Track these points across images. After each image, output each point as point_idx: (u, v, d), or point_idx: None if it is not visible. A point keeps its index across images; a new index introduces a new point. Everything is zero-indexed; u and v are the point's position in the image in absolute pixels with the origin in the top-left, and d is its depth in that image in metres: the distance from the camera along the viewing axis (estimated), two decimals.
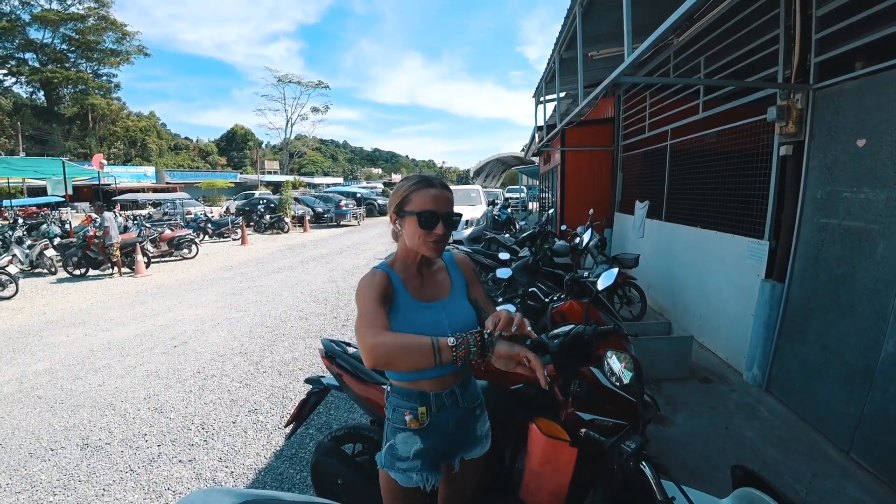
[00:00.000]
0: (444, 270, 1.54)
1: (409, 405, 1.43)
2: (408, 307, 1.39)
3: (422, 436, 1.43)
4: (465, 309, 1.48)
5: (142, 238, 10.24)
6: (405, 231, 1.38)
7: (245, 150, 60.71)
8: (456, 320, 1.42)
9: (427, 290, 1.45)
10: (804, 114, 3.27)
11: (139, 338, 5.48)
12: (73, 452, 3.14)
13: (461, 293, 1.52)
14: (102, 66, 42.35)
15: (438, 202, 1.33)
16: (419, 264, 1.46)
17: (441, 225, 1.33)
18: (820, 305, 3.17)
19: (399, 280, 1.41)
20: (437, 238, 1.34)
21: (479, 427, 1.56)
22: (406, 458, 1.42)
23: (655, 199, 6.15)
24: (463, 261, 1.60)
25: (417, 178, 1.39)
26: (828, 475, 2.71)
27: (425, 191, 1.35)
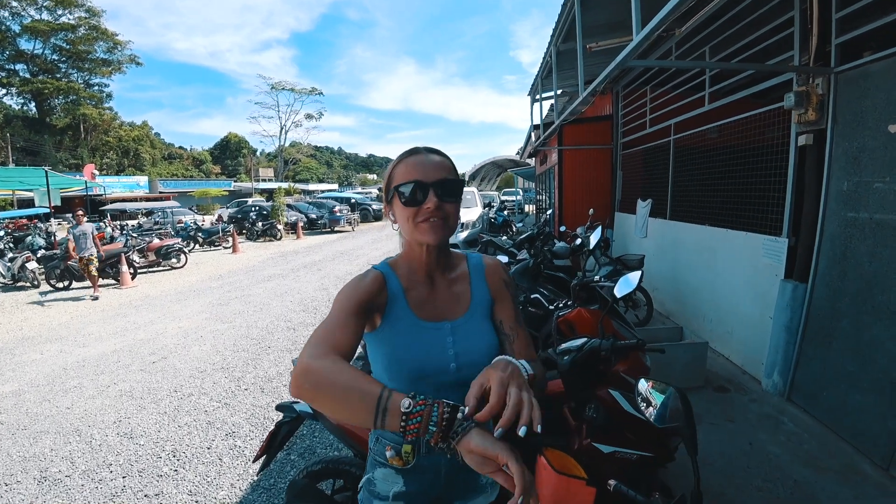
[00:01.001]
0: (466, 280, 1.17)
1: (393, 438, 1.13)
2: (403, 323, 1.08)
3: (405, 477, 1.13)
4: (483, 334, 1.12)
5: (127, 248, 9.89)
6: (399, 221, 1.07)
7: (239, 157, 60.46)
8: (467, 349, 1.09)
9: (436, 304, 1.12)
10: (825, 99, 3.00)
11: (117, 353, 5.16)
12: (29, 487, 2.83)
13: (483, 312, 1.14)
14: (94, 76, 42.16)
15: (424, 169, 1.02)
16: (429, 268, 1.12)
17: (432, 195, 0.99)
18: (849, 307, 2.89)
19: (399, 286, 1.10)
20: (428, 214, 1.00)
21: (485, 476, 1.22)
22: (385, 498, 1.12)
23: (659, 197, 5.89)
24: (493, 268, 1.21)
25: (402, 152, 1.09)
26: (870, 498, 2.43)
27: (408, 160, 1.05)
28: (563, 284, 4.36)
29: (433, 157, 1.06)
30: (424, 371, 1.05)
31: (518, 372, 0.84)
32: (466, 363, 1.07)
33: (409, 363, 1.05)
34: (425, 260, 1.10)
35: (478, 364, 1.02)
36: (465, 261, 1.21)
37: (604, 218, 7.15)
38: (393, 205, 1.07)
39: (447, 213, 1.03)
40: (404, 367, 1.05)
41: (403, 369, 1.05)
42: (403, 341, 1.07)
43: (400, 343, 1.07)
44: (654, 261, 5.62)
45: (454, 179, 1.05)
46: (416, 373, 1.04)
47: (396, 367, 1.06)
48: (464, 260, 1.21)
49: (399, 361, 1.06)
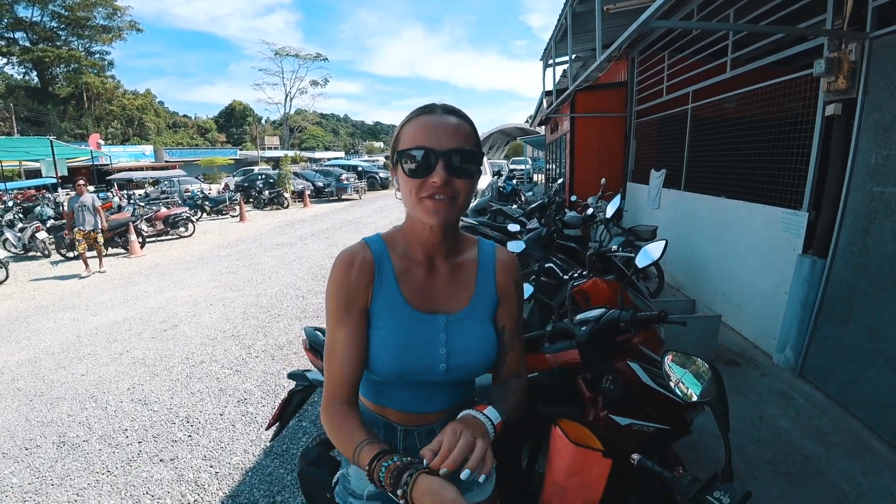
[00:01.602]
0: (473, 269, 1.00)
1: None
2: (390, 310, 0.93)
3: None
4: (481, 335, 0.97)
5: (135, 217, 9.92)
6: (401, 191, 0.90)
7: (244, 126, 59.84)
8: (461, 349, 0.94)
9: (432, 292, 0.96)
10: (858, 67, 2.84)
11: (128, 322, 5.22)
12: (49, 451, 2.90)
13: (485, 310, 0.99)
14: (94, 44, 41.37)
15: (437, 133, 0.84)
16: (431, 249, 0.95)
17: (440, 168, 0.82)
18: (870, 284, 2.82)
19: (390, 267, 0.94)
20: (434, 189, 0.83)
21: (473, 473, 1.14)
22: (359, 497, 1.03)
23: (673, 167, 5.74)
24: (507, 264, 1.03)
25: (414, 110, 0.90)
26: (878, 474, 2.42)
27: (418, 119, 0.87)
28: (574, 254, 4.30)
29: (450, 119, 0.87)
30: (409, 369, 0.92)
31: (479, 424, 0.80)
32: (458, 365, 0.94)
33: (391, 358, 0.91)
34: (428, 239, 0.94)
35: (470, 367, 0.96)
36: (475, 247, 1.03)
37: (616, 188, 7.02)
38: (397, 170, 0.90)
39: (457, 191, 0.85)
40: (385, 361, 0.91)
41: (384, 363, 0.92)
42: (388, 332, 0.92)
43: (384, 333, 0.92)
44: (667, 232, 5.51)
45: (471, 150, 0.86)
46: (398, 369, 0.92)
47: (377, 360, 0.92)
48: (475, 246, 1.04)
49: (381, 354, 0.91)
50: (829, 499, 2.26)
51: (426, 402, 0.99)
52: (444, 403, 1.01)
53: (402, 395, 0.99)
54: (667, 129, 6.04)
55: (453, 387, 1.00)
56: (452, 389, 1.01)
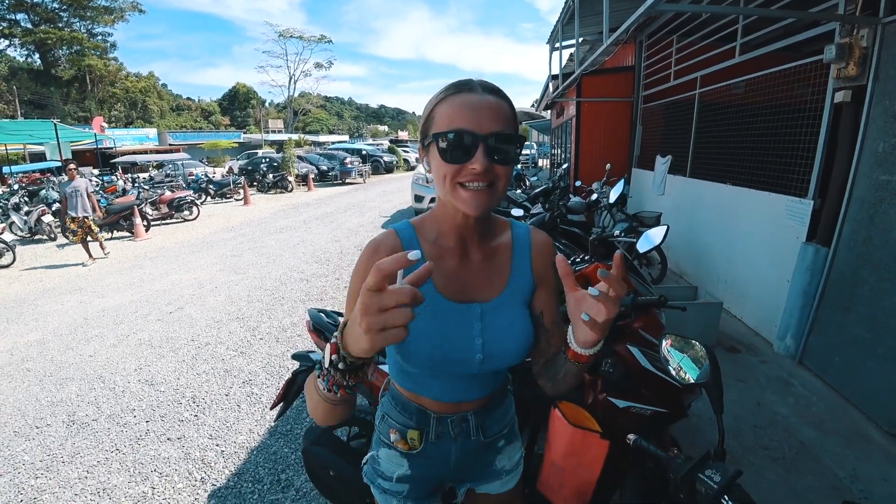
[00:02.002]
0: (507, 254, 0.95)
1: (400, 420, 1.01)
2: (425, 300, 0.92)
3: (410, 461, 1.02)
4: (518, 323, 0.91)
5: (140, 201, 9.95)
6: (434, 176, 0.84)
7: (248, 108, 59.53)
8: (497, 338, 0.90)
9: (465, 281, 0.91)
10: (869, 53, 2.80)
11: (134, 304, 5.28)
12: (59, 430, 2.97)
13: (520, 296, 0.94)
14: (96, 25, 41.08)
15: (476, 114, 0.77)
16: (464, 236, 0.91)
17: (481, 153, 0.76)
18: (872, 273, 2.82)
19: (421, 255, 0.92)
20: (472, 176, 0.78)
21: (502, 460, 1.10)
22: (388, 479, 1.04)
23: (679, 153, 5.69)
24: (542, 246, 0.97)
25: (448, 85, 0.83)
26: (872, 460, 2.45)
27: (455, 98, 0.79)
28: (577, 239, 4.31)
29: (490, 98, 0.79)
30: (444, 360, 0.88)
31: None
32: (494, 354, 0.90)
33: (425, 350, 0.87)
34: (461, 226, 0.89)
35: (507, 356, 0.91)
36: (508, 230, 0.98)
37: (621, 174, 6.98)
38: (429, 152, 0.83)
39: (496, 177, 0.79)
40: (420, 354, 0.88)
41: (419, 356, 0.88)
42: (421, 324, 0.85)
43: (417, 325, 0.86)
44: (671, 219, 5.48)
45: (512, 134, 0.79)
46: (433, 361, 0.88)
47: (411, 353, 0.88)
48: (507, 229, 0.98)
49: (413, 346, 0.87)
50: (823, 484, 2.29)
51: (462, 391, 0.98)
52: (480, 392, 1.00)
53: (437, 385, 0.97)
54: (673, 114, 5.98)
55: (489, 376, 0.98)
56: (488, 378, 0.99)
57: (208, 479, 2.46)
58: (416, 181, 9.55)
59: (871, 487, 2.27)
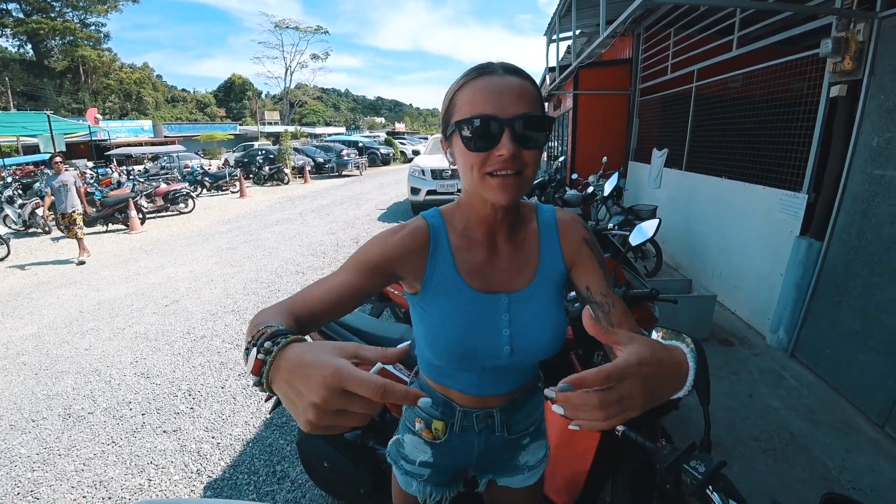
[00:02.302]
0: (535, 241, 0.91)
1: (426, 409, 1.03)
2: (449, 291, 0.85)
3: (434, 449, 1.03)
4: (548, 313, 0.88)
5: (135, 193, 9.90)
6: (459, 167, 0.81)
7: (244, 100, 59.10)
8: (526, 329, 0.87)
9: (493, 272, 0.88)
10: (865, 47, 2.80)
11: (130, 297, 5.27)
12: (55, 423, 2.97)
13: (551, 284, 0.90)
14: (89, 15, 40.59)
15: (500, 97, 0.73)
16: (493, 226, 0.88)
17: (507, 138, 0.72)
18: (864, 267, 2.84)
19: (447, 245, 0.87)
20: (500, 164, 0.73)
21: (526, 456, 1.07)
22: (412, 462, 1.05)
23: (675, 147, 5.70)
24: (569, 226, 0.92)
25: (469, 69, 0.79)
26: (862, 451, 2.49)
27: (476, 83, 0.75)
28: None
29: (513, 80, 0.75)
30: (472, 352, 0.86)
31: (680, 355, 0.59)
32: (523, 346, 0.87)
33: (451, 342, 0.85)
34: (489, 217, 0.86)
35: (537, 348, 0.88)
36: (534, 215, 0.94)
37: (617, 167, 6.98)
38: (452, 142, 0.80)
39: (525, 164, 0.75)
40: (447, 346, 0.86)
41: (446, 348, 0.86)
42: (446, 314, 0.85)
43: (442, 315, 0.86)
44: (667, 212, 5.52)
45: (539, 116, 0.75)
46: (460, 353, 0.86)
47: (438, 345, 0.87)
48: (533, 213, 0.94)
49: (440, 338, 0.86)
50: (813, 475, 2.32)
51: (491, 385, 0.95)
52: (509, 386, 0.97)
53: (465, 378, 0.95)
54: (670, 107, 5.97)
55: (519, 369, 0.96)
56: (518, 372, 0.97)
57: (204, 471, 2.47)
58: (413, 173, 9.52)
59: (859, 478, 2.30)
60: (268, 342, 0.54)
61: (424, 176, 9.28)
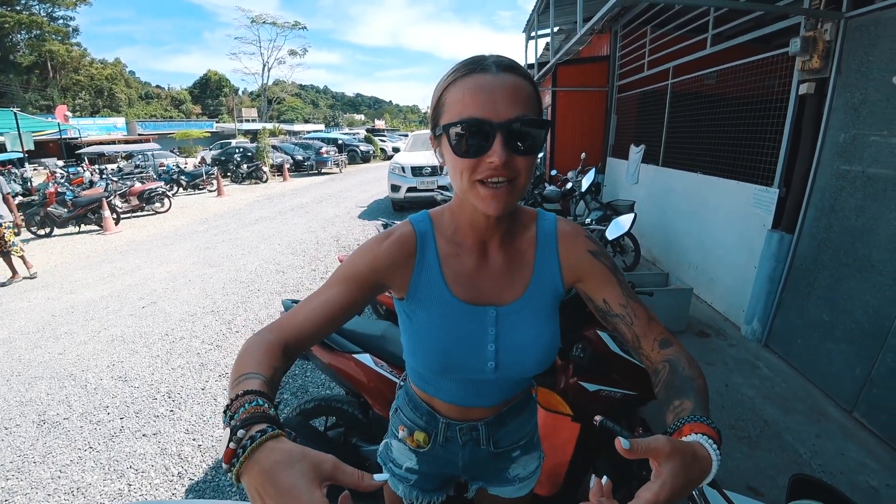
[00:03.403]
0: (531, 251, 0.84)
1: (410, 418, 0.99)
2: (433, 300, 0.81)
3: (419, 457, 1.01)
4: (538, 329, 0.83)
5: (108, 193, 9.63)
6: (449, 171, 0.75)
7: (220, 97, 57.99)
8: (512, 345, 0.82)
9: (481, 282, 0.83)
10: (832, 46, 2.89)
11: (105, 299, 5.14)
12: (29, 430, 2.89)
13: (543, 298, 0.84)
14: (57, 8, 39.22)
15: (492, 98, 0.66)
16: (484, 233, 0.82)
17: (498, 144, 0.66)
18: (832, 259, 2.94)
19: (434, 252, 0.82)
20: (490, 173, 0.68)
21: (517, 468, 1.04)
22: (399, 467, 1.04)
23: (652, 143, 5.80)
24: (571, 238, 0.85)
25: (459, 64, 0.72)
26: (831, 436, 2.59)
27: (466, 81, 0.68)
28: None
29: (507, 78, 0.68)
30: (452, 364, 0.83)
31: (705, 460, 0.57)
32: (509, 363, 0.83)
33: (433, 353, 0.83)
34: (482, 222, 0.80)
35: (523, 367, 0.84)
36: (534, 222, 0.87)
37: (595, 163, 7.07)
38: (441, 144, 0.74)
39: (517, 171, 0.69)
40: (428, 357, 0.83)
41: (428, 358, 0.84)
42: (430, 324, 0.81)
43: (426, 325, 0.82)
44: (644, 207, 5.63)
45: (535, 119, 0.69)
46: (442, 365, 0.83)
47: (420, 354, 0.85)
48: (533, 221, 0.87)
49: (422, 348, 0.84)
50: (785, 460, 2.41)
51: (475, 397, 0.91)
52: (494, 400, 0.93)
53: (449, 388, 0.92)
54: (647, 104, 6.07)
55: (507, 383, 0.91)
56: (504, 387, 0.92)
57: (185, 474, 2.44)
58: (393, 171, 9.48)
59: (829, 461, 2.40)
60: (241, 431, 0.51)
61: (405, 173, 9.25)
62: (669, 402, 0.68)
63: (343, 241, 7.44)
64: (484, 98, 0.67)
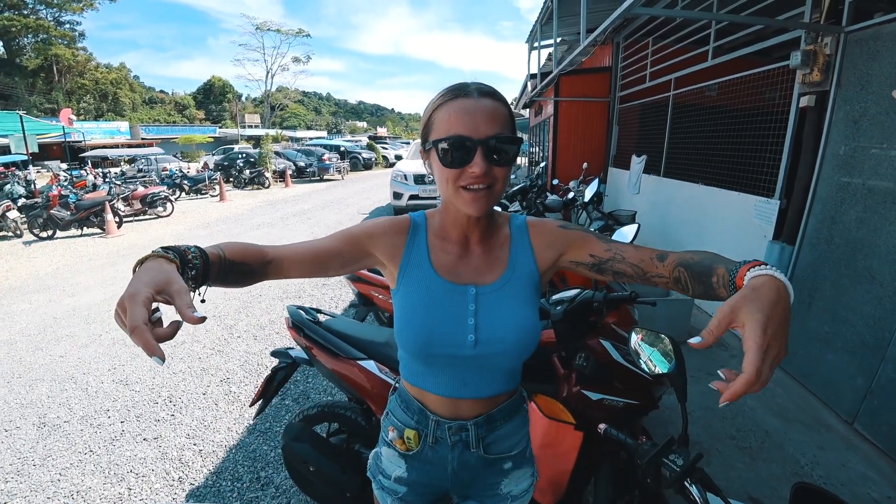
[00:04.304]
0: (507, 244, 0.96)
1: (401, 419, 1.03)
2: (418, 278, 0.92)
3: (408, 463, 1.03)
4: (515, 307, 0.91)
5: (111, 196, 9.67)
6: (436, 179, 0.89)
7: (224, 103, 58.26)
8: (491, 322, 0.90)
9: (463, 268, 0.94)
10: (832, 60, 2.93)
11: (107, 302, 5.15)
12: (29, 432, 2.89)
13: (520, 282, 0.93)
14: (64, 13, 39.58)
15: (473, 119, 0.79)
16: (466, 231, 0.95)
17: (479, 157, 0.79)
18: (833, 271, 2.96)
19: (424, 240, 0.95)
20: (472, 180, 0.81)
21: (509, 485, 1.04)
22: (388, 477, 1.05)
23: (654, 153, 5.84)
24: (539, 224, 0.97)
25: (445, 91, 0.85)
26: (833, 448, 2.58)
27: (451, 105, 0.81)
28: None
29: (486, 102, 0.81)
30: (435, 338, 0.89)
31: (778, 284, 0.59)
32: (488, 339, 0.89)
33: (416, 326, 0.90)
34: (464, 221, 0.93)
35: (502, 343, 0.90)
36: (507, 223, 1.00)
37: (597, 173, 7.10)
38: (430, 156, 0.87)
39: (495, 179, 0.82)
40: (412, 330, 0.90)
41: (411, 332, 0.90)
42: (415, 299, 0.91)
43: (411, 301, 0.91)
44: (646, 217, 5.65)
45: (509, 136, 0.82)
46: (424, 338, 0.89)
47: (404, 330, 0.91)
48: (507, 221, 1.00)
49: (407, 322, 0.91)
50: (786, 470, 2.41)
51: (461, 386, 0.95)
52: (480, 390, 0.96)
53: (436, 376, 0.96)
54: (649, 115, 6.12)
55: (491, 372, 0.96)
56: (490, 375, 0.96)
57: (186, 479, 2.44)
58: (395, 178, 9.52)
59: (830, 473, 2.40)
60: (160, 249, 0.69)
61: (407, 181, 9.29)
62: (710, 287, 0.72)
63: None
64: (467, 119, 0.79)
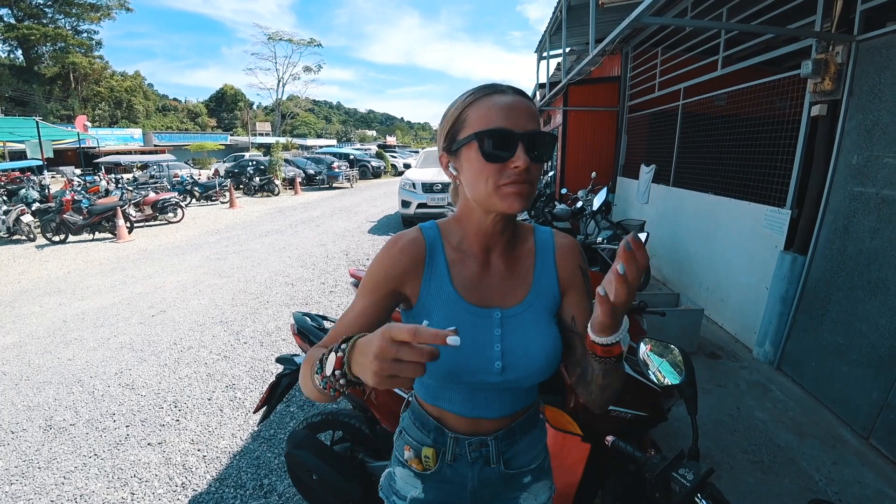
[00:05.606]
0: (531, 260, 0.91)
1: (416, 437, 0.97)
2: (442, 302, 0.86)
3: (425, 483, 0.96)
4: (541, 331, 0.87)
5: (123, 202, 9.79)
6: (464, 176, 0.82)
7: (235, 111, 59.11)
8: (518, 346, 0.85)
9: (487, 286, 0.88)
10: (844, 69, 2.90)
11: (116, 307, 5.19)
12: (35, 435, 2.90)
13: (545, 303, 0.89)
14: (82, 22, 40.58)
15: (515, 114, 0.77)
16: (490, 240, 0.89)
17: (522, 151, 0.75)
18: (846, 281, 2.90)
19: (443, 258, 0.88)
20: (515, 176, 0.77)
21: (528, 499, 1.00)
22: (403, 498, 0.99)
23: (663, 163, 5.80)
24: (568, 250, 0.93)
25: (476, 88, 0.82)
26: (847, 463, 2.52)
27: (489, 100, 0.79)
28: None
29: (521, 99, 0.79)
30: (462, 366, 0.84)
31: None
32: (514, 364, 0.85)
33: (443, 355, 0.82)
34: (488, 230, 0.87)
35: (529, 368, 0.86)
36: (531, 235, 0.95)
37: (606, 182, 7.07)
38: (460, 156, 0.82)
39: (534, 177, 0.79)
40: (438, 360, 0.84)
41: (437, 362, 0.83)
42: (439, 327, 0.82)
43: (440, 325, 0.85)
44: (655, 227, 5.61)
45: (547, 134, 0.80)
46: (450, 367, 0.84)
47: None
48: (530, 234, 0.95)
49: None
50: (799, 486, 2.34)
51: (483, 407, 0.91)
52: (503, 410, 0.93)
53: (457, 397, 0.92)
54: (658, 124, 6.09)
55: (513, 392, 0.92)
56: (512, 395, 0.92)
57: (189, 485, 2.43)
58: (404, 186, 9.54)
59: (845, 489, 2.33)
60: (344, 345, 0.63)
61: (415, 189, 9.31)
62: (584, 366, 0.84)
63: (353, 256, 7.47)
64: (507, 113, 0.77)
